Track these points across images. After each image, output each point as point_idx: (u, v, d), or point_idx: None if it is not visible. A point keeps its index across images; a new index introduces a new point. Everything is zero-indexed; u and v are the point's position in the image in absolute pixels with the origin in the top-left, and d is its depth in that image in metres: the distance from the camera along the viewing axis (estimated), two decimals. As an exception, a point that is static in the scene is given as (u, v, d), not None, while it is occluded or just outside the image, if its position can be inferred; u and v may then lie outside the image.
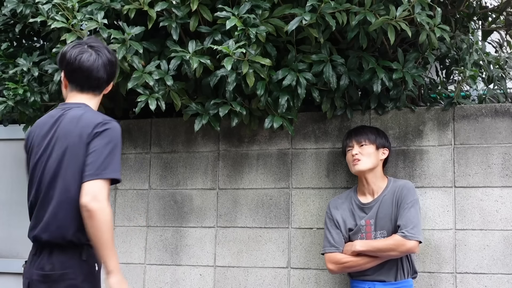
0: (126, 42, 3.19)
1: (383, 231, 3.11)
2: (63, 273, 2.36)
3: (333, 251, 3.16)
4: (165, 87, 3.28)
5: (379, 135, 3.27)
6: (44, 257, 2.40)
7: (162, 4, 3.16)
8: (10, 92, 3.51)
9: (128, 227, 3.80)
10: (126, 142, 3.88)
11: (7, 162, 4.35)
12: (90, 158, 2.36)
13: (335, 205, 3.26)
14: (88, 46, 2.59)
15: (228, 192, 3.67)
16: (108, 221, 2.33)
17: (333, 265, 3.15)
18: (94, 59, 2.56)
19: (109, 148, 2.38)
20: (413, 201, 3.10)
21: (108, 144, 2.39)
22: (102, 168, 2.35)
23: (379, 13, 3.08)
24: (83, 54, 2.54)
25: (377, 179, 3.21)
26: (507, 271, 3.23)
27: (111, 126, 2.45)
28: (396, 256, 3.07)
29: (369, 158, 3.19)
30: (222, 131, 3.69)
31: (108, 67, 2.58)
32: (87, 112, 2.49)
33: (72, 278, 2.36)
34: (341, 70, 3.28)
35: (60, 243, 2.38)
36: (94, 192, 2.32)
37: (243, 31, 3.06)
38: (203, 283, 3.63)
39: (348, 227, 3.18)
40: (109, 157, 2.37)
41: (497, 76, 3.72)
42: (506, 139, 3.32)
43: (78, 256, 2.39)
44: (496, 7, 3.98)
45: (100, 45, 2.62)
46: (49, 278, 2.36)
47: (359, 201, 3.21)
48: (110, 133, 2.42)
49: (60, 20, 3.12)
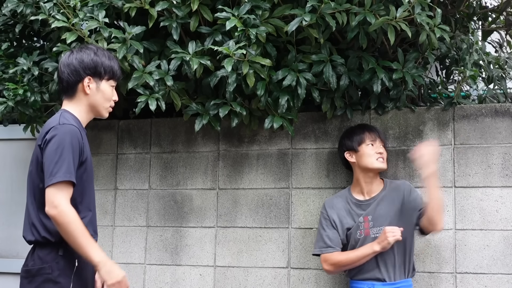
0: (126, 42, 3.19)
1: (382, 228, 3.11)
2: (40, 268, 2.45)
3: (330, 251, 3.16)
4: (165, 87, 3.28)
5: (382, 134, 3.34)
6: (29, 254, 2.52)
7: (163, 4, 3.17)
8: (10, 92, 3.51)
9: (128, 227, 3.80)
10: (126, 142, 3.89)
11: (7, 162, 4.35)
12: (44, 167, 2.44)
13: (330, 204, 3.25)
14: (76, 49, 2.66)
15: (228, 192, 3.68)
16: (71, 222, 2.37)
17: (330, 265, 3.15)
18: (61, 61, 2.62)
19: (58, 153, 2.42)
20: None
21: (57, 149, 2.43)
22: (53, 174, 2.39)
23: (379, 13, 3.08)
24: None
25: (377, 179, 3.24)
26: (507, 271, 3.23)
27: (58, 131, 2.46)
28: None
29: (385, 158, 3.26)
30: (222, 131, 3.69)
31: (72, 66, 2.58)
32: (53, 117, 2.55)
33: (48, 273, 2.44)
34: (341, 70, 3.28)
35: (38, 240, 2.47)
36: (50, 200, 2.39)
37: (243, 32, 3.06)
38: (203, 283, 3.63)
39: (345, 226, 3.18)
40: (59, 162, 2.41)
41: (497, 76, 3.73)
42: (506, 139, 3.32)
43: (55, 252, 2.46)
44: (496, 7, 3.98)
45: (83, 47, 2.64)
46: (29, 273, 2.48)
47: (355, 199, 3.21)
48: (57, 139, 2.44)
49: (61, 19, 3.12)
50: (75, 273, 2.47)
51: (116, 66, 2.66)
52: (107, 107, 2.66)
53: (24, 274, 2.50)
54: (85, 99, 2.60)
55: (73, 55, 2.60)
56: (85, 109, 2.61)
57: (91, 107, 2.62)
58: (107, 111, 2.67)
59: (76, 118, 2.56)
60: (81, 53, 2.60)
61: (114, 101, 2.69)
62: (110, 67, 2.62)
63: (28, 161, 4.22)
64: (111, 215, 3.84)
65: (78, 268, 2.48)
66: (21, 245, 4.20)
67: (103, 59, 2.61)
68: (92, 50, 2.61)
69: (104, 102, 2.64)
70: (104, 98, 2.63)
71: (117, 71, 2.66)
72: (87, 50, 2.61)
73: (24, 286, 2.48)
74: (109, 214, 3.84)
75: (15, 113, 3.69)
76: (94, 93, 2.60)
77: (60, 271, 2.44)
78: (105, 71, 2.61)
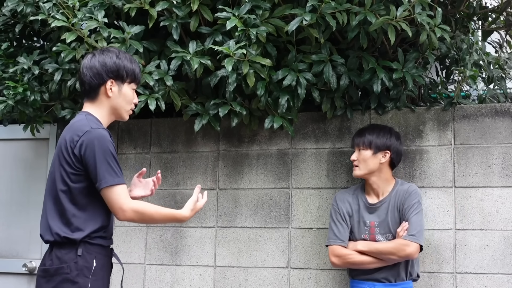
0: (126, 42, 3.19)
1: (389, 234, 3.11)
2: (59, 268, 2.45)
3: (338, 243, 3.15)
4: (165, 87, 3.28)
5: (379, 137, 3.17)
6: (47, 254, 2.52)
7: (163, 4, 3.17)
8: (10, 91, 3.51)
9: (128, 227, 3.80)
10: (126, 142, 3.89)
11: (7, 162, 4.35)
12: (92, 171, 2.45)
13: (342, 198, 3.24)
14: (97, 51, 2.65)
15: (228, 192, 3.67)
16: (143, 215, 2.51)
17: (337, 258, 3.14)
18: (83, 63, 2.61)
19: (105, 157, 2.45)
20: (418, 205, 3.11)
21: (104, 153, 2.45)
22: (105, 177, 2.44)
23: (380, 13, 3.08)
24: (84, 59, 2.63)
25: (382, 182, 3.19)
26: (507, 271, 3.23)
27: (93, 135, 2.46)
28: (396, 260, 3.07)
29: (364, 164, 3.16)
30: (222, 131, 3.69)
31: (95, 69, 2.57)
32: (79, 121, 2.54)
33: (66, 273, 2.44)
34: (341, 70, 3.28)
35: (57, 240, 2.47)
36: (115, 207, 2.47)
37: (243, 32, 3.07)
38: (203, 283, 3.63)
39: (351, 224, 3.18)
40: (111, 165, 2.46)
41: (497, 76, 3.72)
42: (506, 139, 3.32)
43: (74, 252, 2.46)
44: (496, 7, 3.98)
45: (105, 50, 2.64)
46: (47, 272, 2.47)
47: (366, 200, 3.19)
48: (97, 143, 2.45)
49: (60, 19, 3.12)
50: (93, 273, 2.47)
51: (138, 70, 2.65)
52: (128, 110, 2.66)
53: (41, 273, 2.50)
54: (107, 102, 2.59)
55: (95, 58, 2.59)
56: (107, 112, 2.61)
57: (113, 110, 2.61)
58: (128, 113, 2.66)
59: (99, 121, 2.56)
60: (104, 56, 2.59)
61: (135, 104, 2.69)
62: (132, 70, 2.62)
63: (27, 160, 4.27)
64: (111, 215, 3.83)
65: (96, 268, 2.48)
66: (21, 245, 4.20)
67: (125, 62, 2.60)
68: (114, 53, 2.60)
69: (126, 105, 2.63)
70: (125, 101, 2.62)
71: (138, 74, 2.65)
72: (109, 53, 2.60)
73: (42, 285, 2.48)
74: (109, 214, 3.84)
75: (15, 113, 3.69)
76: (116, 96, 2.59)
77: (78, 271, 2.44)
78: (127, 74, 2.60)
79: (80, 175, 2.47)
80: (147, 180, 2.83)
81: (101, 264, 2.50)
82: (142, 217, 2.51)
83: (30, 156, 4.27)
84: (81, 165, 2.46)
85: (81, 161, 2.45)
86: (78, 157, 2.45)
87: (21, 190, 4.24)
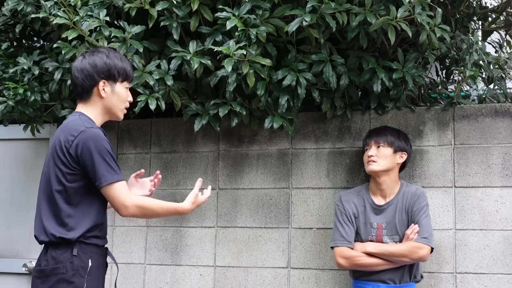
0: (126, 41, 3.19)
1: (396, 236, 3.11)
2: (54, 268, 2.45)
3: (345, 245, 3.13)
4: (165, 87, 3.28)
5: (399, 138, 3.21)
6: (42, 254, 2.53)
7: (163, 4, 3.17)
8: (10, 91, 3.51)
9: (128, 227, 3.80)
10: (126, 142, 3.89)
11: (7, 162, 4.35)
12: (91, 170, 2.46)
13: (347, 199, 3.22)
14: (87, 52, 2.65)
15: (228, 192, 3.68)
16: (145, 209, 2.52)
17: (344, 260, 3.11)
18: (74, 66, 2.61)
19: (102, 155, 2.46)
20: (427, 208, 3.11)
21: (100, 152, 2.46)
22: (105, 176, 2.46)
23: (380, 13, 3.08)
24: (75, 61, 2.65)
25: (391, 182, 3.18)
26: (507, 271, 3.23)
27: (89, 134, 2.47)
28: (408, 262, 3.06)
29: (384, 160, 3.15)
30: (222, 131, 3.69)
31: (86, 71, 2.57)
32: (73, 121, 2.54)
33: (62, 273, 2.44)
34: (341, 70, 3.28)
35: (52, 241, 2.48)
36: (117, 204, 2.49)
37: (243, 32, 3.07)
38: (203, 283, 3.63)
39: (357, 224, 3.17)
40: (108, 163, 2.47)
41: (497, 76, 3.72)
42: (506, 139, 3.32)
43: (69, 252, 2.46)
44: (496, 7, 3.98)
45: (95, 51, 2.63)
46: (42, 273, 2.48)
47: (372, 201, 3.18)
48: (93, 142, 2.46)
49: (63, 16, 3.13)
50: (89, 273, 2.47)
51: (129, 67, 2.65)
52: (123, 109, 2.66)
53: (37, 274, 2.49)
54: (100, 102, 2.60)
55: (85, 59, 2.59)
56: (101, 112, 2.61)
57: (107, 110, 2.61)
58: (122, 112, 2.67)
59: (92, 121, 2.56)
60: (93, 57, 2.59)
61: (129, 102, 2.69)
62: (123, 68, 2.61)
63: (27, 160, 4.27)
64: (111, 215, 3.82)
65: (91, 267, 2.48)
66: (21, 245, 4.20)
67: (115, 61, 2.59)
68: (104, 53, 2.60)
69: (120, 104, 2.63)
70: (119, 100, 2.62)
71: (130, 72, 2.65)
72: (99, 54, 2.60)
73: (37, 286, 2.48)
74: (109, 214, 3.77)
75: (15, 113, 3.69)
76: (110, 96, 2.59)
77: (74, 271, 2.44)
78: (118, 74, 2.60)
79: (77, 175, 2.47)
80: (144, 180, 2.83)
81: (97, 263, 2.51)
82: (144, 211, 2.52)
83: (30, 156, 4.27)
84: (77, 164, 2.46)
85: (77, 161, 2.45)
86: (74, 157, 2.45)
87: (21, 190, 4.24)
